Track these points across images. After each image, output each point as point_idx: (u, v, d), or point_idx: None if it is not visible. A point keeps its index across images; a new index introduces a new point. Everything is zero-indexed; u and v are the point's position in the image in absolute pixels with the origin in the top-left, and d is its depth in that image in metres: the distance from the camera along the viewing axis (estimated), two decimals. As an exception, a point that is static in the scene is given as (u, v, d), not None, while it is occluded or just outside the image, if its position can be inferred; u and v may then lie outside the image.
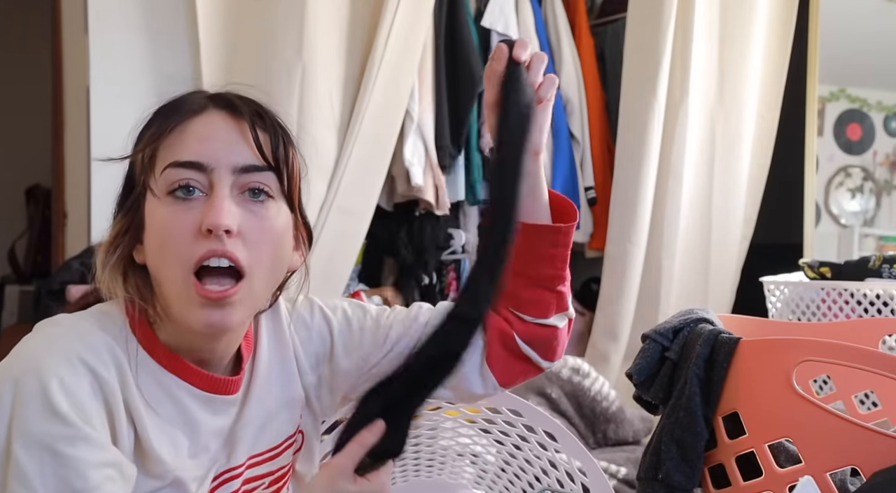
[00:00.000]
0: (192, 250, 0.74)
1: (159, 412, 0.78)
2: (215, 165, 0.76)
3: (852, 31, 2.77)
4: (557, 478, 1.12)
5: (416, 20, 2.34)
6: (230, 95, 0.82)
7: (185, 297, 0.75)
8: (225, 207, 0.75)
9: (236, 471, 0.85)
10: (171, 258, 0.75)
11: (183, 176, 0.76)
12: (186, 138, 0.77)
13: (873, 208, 2.87)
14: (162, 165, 0.77)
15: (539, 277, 0.93)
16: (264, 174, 0.78)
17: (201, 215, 0.75)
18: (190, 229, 0.75)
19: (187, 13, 2.23)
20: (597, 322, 2.70)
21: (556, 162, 2.78)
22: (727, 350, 0.92)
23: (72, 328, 0.76)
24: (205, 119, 0.79)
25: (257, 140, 0.78)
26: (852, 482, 0.89)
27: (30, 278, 3.87)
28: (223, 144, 0.77)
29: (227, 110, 0.79)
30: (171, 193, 0.76)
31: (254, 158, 0.78)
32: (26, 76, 4.10)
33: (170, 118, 0.79)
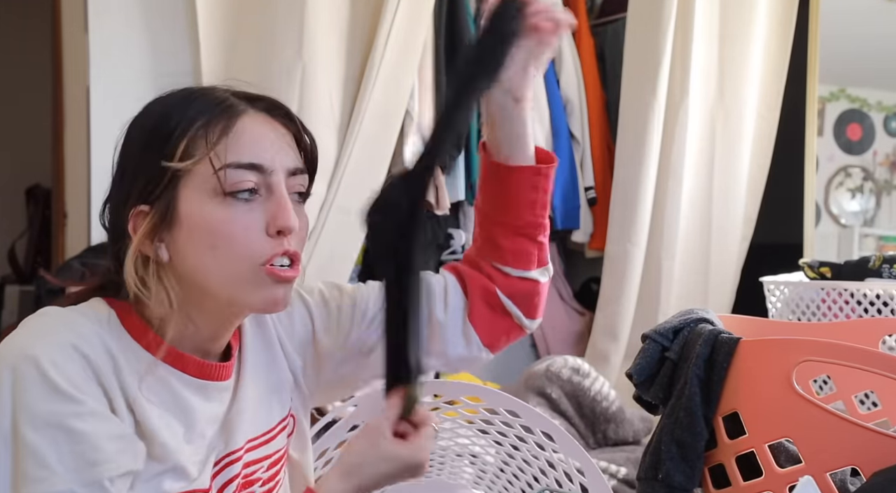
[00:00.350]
0: (261, 249, 0.78)
1: (153, 399, 0.79)
2: (273, 168, 0.79)
3: (852, 31, 2.77)
4: (556, 478, 1.12)
5: (416, 20, 2.34)
6: (267, 97, 0.84)
7: (252, 284, 0.78)
8: (290, 208, 0.79)
9: (236, 454, 0.87)
10: (232, 256, 0.78)
11: (244, 178, 0.78)
12: (240, 139, 0.79)
13: (873, 208, 2.87)
14: (217, 164, 0.77)
15: (520, 224, 0.95)
16: (304, 177, 0.84)
17: (267, 216, 0.78)
18: (256, 229, 0.78)
19: (187, 13, 2.23)
20: (597, 322, 2.70)
21: (556, 162, 2.78)
22: (727, 350, 0.92)
23: (60, 318, 0.77)
24: (250, 121, 0.80)
25: (303, 143, 0.83)
26: (852, 482, 0.89)
27: (30, 278, 3.87)
28: (277, 147, 0.81)
29: (268, 113, 0.82)
30: (231, 194, 0.77)
31: (299, 161, 0.83)
32: (26, 76, 4.10)
33: (217, 117, 0.79)
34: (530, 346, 2.94)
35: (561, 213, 2.77)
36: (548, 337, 2.90)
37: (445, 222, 2.73)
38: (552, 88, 2.79)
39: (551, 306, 2.96)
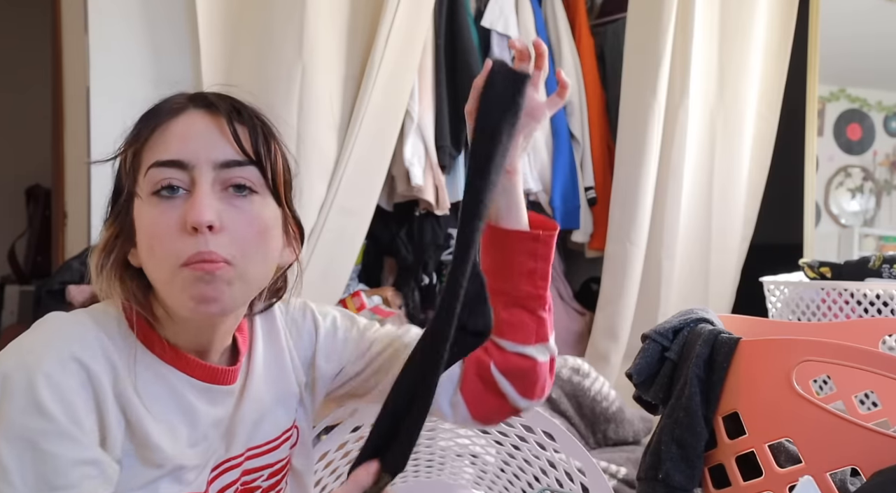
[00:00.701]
0: (179, 248, 0.75)
1: (158, 402, 0.79)
2: (196, 163, 0.77)
3: (852, 31, 2.77)
4: (556, 478, 1.12)
5: (416, 20, 2.34)
6: (208, 93, 0.82)
7: (178, 285, 0.75)
8: (205, 203, 0.75)
9: (235, 461, 0.87)
10: (159, 256, 0.76)
11: (165, 175, 0.76)
12: (167, 139, 0.78)
13: (873, 208, 2.87)
14: (145, 166, 0.78)
15: (518, 295, 0.91)
16: (246, 169, 0.79)
17: (184, 212, 0.75)
18: (175, 227, 0.75)
19: (187, 13, 2.23)
20: (597, 322, 2.70)
21: (556, 162, 2.78)
22: (727, 350, 0.92)
23: (63, 325, 0.77)
24: (184, 119, 0.79)
25: (235, 134, 0.78)
26: (852, 482, 0.89)
27: (30, 278, 3.87)
28: (203, 142, 0.78)
29: (206, 109, 0.80)
30: (155, 193, 0.77)
31: (234, 153, 0.78)
32: (26, 76, 4.10)
33: (150, 121, 0.80)
34: (530, 346, 2.94)
35: (561, 213, 2.77)
36: (548, 337, 2.90)
37: (445, 222, 2.73)
38: (552, 89, 2.79)
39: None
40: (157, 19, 2.26)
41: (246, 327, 0.92)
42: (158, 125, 0.79)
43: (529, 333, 0.91)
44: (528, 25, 2.77)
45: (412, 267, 2.70)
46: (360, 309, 2.45)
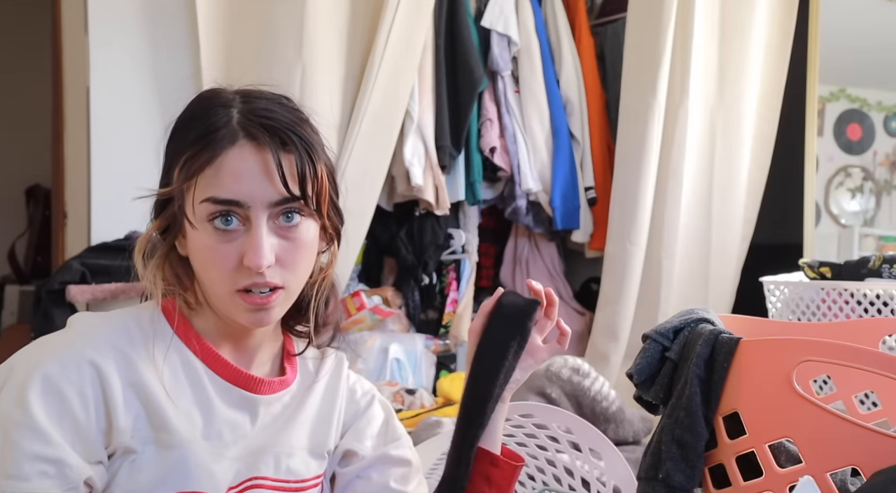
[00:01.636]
0: (235, 279, 0.82)
1: (181, 391, 0.84)
2: (251, 204, 0.81)
3: (852, 30, 2.77)
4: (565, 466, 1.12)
5: (416, 20, 2.34)
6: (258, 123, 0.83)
7: (231, 305, 0.83)
8: (264, 246, 0.81)
9: (264, 481, 0.89)
10: (215, 279, 0.83)
11: (221, 209, 0.81)
12: (221, 175, 0.81)
13: (873, 208, 2.87)
14: (199, 196, 0.82)
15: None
16: (295, 202, 0.83)
17: (242, 249, 0.81)
18: (232, 260, 0.82)
19: (187, 13, 2.23)
20: (597, 322, 2.70)
21: (556, 162, 2.78)
22: (727, 350, 0.92)
23: (83, 326, 0.83)
24: (236, 153, 0.82)
25: (285, 175, 0.81)
26: (852, 482, 0.89)
27: (30, 278, 3.87)
28: (256, 181, 0.81)
29: (256, 142, 0.82)
30: (210, 221, 0.82)
31: (284, 191, 0.82)
32: (26, 76, 4.10)
33: (204, 150, 0.82)
34: (530, 346, 2.94)
35: (561, 213, 2.77)
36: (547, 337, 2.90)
37: (445, 222, 2.73)
38: (552, 88, 2.79)
39: (551, 306, 2.95)
40: (157, 19, 2.26)
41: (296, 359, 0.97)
42: (212, 159, 0.82)
43: None
44: (528, 25, 2.77)
45: (412, 267, 2.70)
46: (360, 309, 2.45)
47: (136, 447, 0.80)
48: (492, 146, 2.68)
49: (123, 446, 0.80)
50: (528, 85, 2.76)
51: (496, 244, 3.11)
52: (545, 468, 1.17)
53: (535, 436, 1.14)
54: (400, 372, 2.42)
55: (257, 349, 0.92)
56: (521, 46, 2.74)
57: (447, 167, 2.62)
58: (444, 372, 2.62)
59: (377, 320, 2.53)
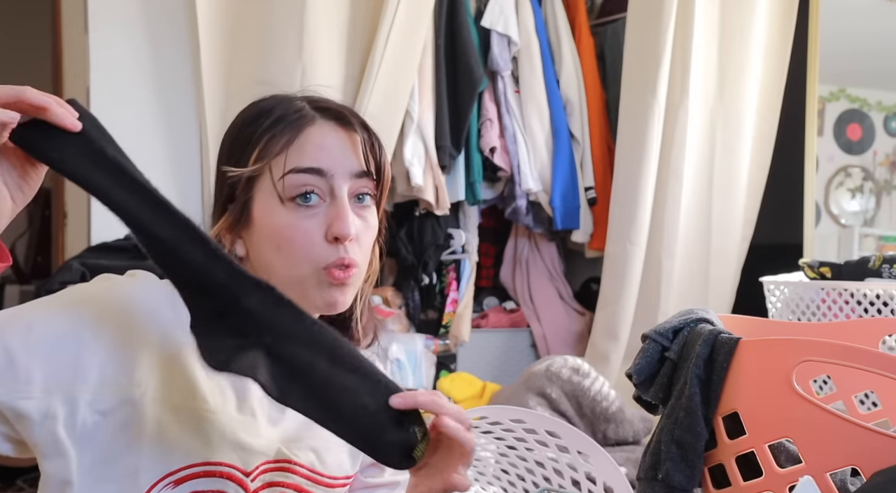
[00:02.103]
0: (320, 254, 0.81)
1: None
2: (335, 171, 0.82)
3: (852, 31, 2.77)
4: (556, 468, 1.12)
5: (416, 20, 2.34)
6: (336, 105, 0.87)
7: (314, 284, 0.82)
8: (350, 217, 0.82)
9: (294, 467, 0.87)
10: (295, 259, 0.82)
11: (305, 181, 0.82)
12: (305, 146, 0.83)
13: (873, 208, 2.87)
14: (281, 171, 0.82)
15: None
16: (370, 181, 0.85)
17: (327, 222, 0.82)
18: (315, 234, 0.82)
19: (187, 13, 2.23)
20: (597, 322, 2.70)
21: (556, 162, 2.78)
22: (727, 350, 0.92)
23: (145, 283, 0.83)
24: (318, 129, 0.84)
25: (366, 150, 0.84)
26: (852, 482, 0.89)
27: (30, 278, 3.87)
28: (338, 153, 0.84)
29: (337, 121, 0.85)
30: (293, 198, 0.82)
31: (363, 165, 0.84)
32: (26, 76, 4.09)
33: (287, 128, 0.83)
34: (530, 346, 2.95)
35: (561, 213, 2.77)
36: (548, 337, 2.90)
37: (445, 222, 2.73)
38: (552, 88, 2.79)
39: (551, 306, 2.96)
40: (158, 20, 2.26)
41: None
42: (295, 135, 0.83)
43: None
44: (528, 25, 2.77)
45: (412, 267, 2.70)
46: (360, 309, 2.44)
47: (148, 408, 0.75)
48: (492, 146, 2.68)
49: (134, 402, 0.75)
50: (528, 85, 2.76)
51: (496, 244, 3.11)
52: (535, 469, 1.17)
53: (525, 440, 1.14)
54: (400, 372, 2.42)
55: None
56: (521, 46, 2.74)
57: (447, 167, 2.62)
58: (444, 372, 2.62)
59: (377, 319, 2.53)
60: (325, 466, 0.89)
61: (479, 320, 2.92)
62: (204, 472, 0.79)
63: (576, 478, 1.11)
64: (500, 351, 2.89)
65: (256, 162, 0.83)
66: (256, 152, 0.83)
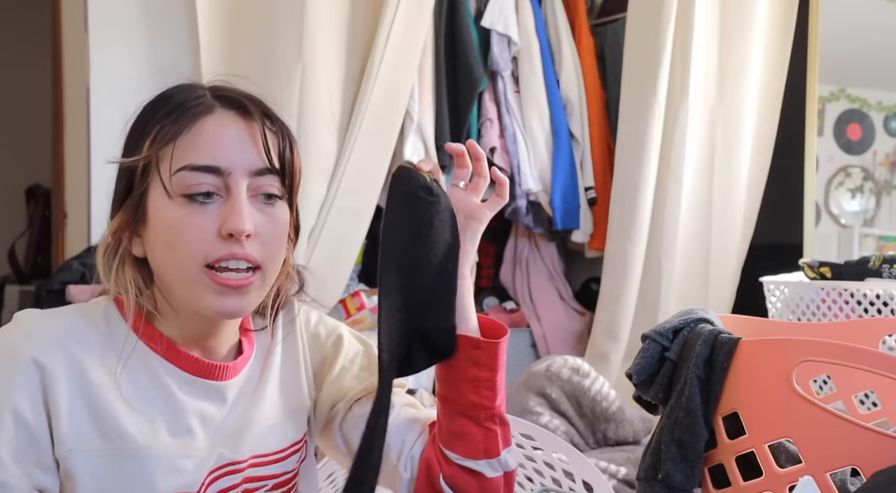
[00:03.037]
0: (209, 250, 0.76)
1: (139, 392, 0.79)
2: (232, 170, 0.78)
3: (852, 30, 2.77)
4: (535, 469, 1.12)
5: (416, 20, 2.34)
6: (237, 93, 0.82)
7: (199, 287, 0.77)
8: (245, 212, 0.77)
9: (238, 466, 0.86)
10: (183, 256, 0.77)
11: (200, 180, 0.77)
12: (200, 141, 0.78)
13: (873, 208, 2.87)
14: (175, 166, 0.77)
15: (462, 403, 0.85)
16: (274, 177, 0.80)
17: (220, 218, 0.77)
18: (208, 231, 0.77)
19: (187, 13, 2.23)
20: (597, 322, 2.70)
21: (556, 162, 2.78)
22: (727, 350, 0.92)
23: (30, 323, 0.79)
24: (215, 120, 0.79)
25: (266, 143, 0.79)
26: (852, 482, 0.89)
27: (30, 278, 3.87)
28: (237, 148, 0.78)
29: (237, 111, 0.80)
30: (187, 196, 0.77)
31: (265, 161, 0.79)
32: (26, 76, 4.10)
33: (179, 118, 0.78)
34: (530, 346, 2.95)
35: (561, 213, 2.77)
36: (548, 337, 2.90)
37: (445, 222, 2.72)
38: (552, 88, 2.79)
39: (551, 306, 2.96)
40: (158, 19, 2.26)
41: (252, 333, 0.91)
42: (188, 124, 0.78)
43: (476, 446, 0.85)
44: (528, 25, 2.77)
45: (412, 267, 2.70)
46: (361, 309, 2.45)
47: (77, 462, 0.75)
48: (492, 146, 2.67)
49: (62, 457, 0.75)
50: (528, 85, 2.76)
51: (496, 244, 3.11)
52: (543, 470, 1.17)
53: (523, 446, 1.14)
54: (400, 372, 2.42)
55: (226, 342, 0.87)
56: (521, 46, 2.74)
57: (447, 167, 2.61)
58: (444, 372, 2.62)
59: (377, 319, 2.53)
60: (268, 445, 0.88)
61: (479, 320, 2.91)
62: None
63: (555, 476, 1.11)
64: (500, 351, 2.88)
65: (150, 149, 0.78)
66: (148, 142, 0.78)
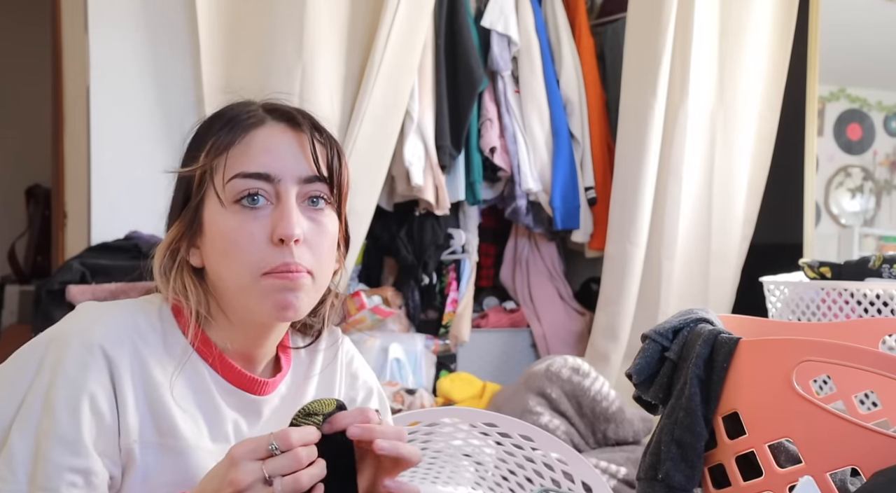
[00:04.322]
0: (263, 258, 0.79)
1: (185, 394, 0.82)
2: (282, 177, 0.81)
3: (852, 30, 2.77)
4: (535, 470, 1.12)
5: (416, 20, 2.34)
6: (288, 107, 0.86)
7: (255, 293, 0.80)
8: (294, 217, 0.80)
9: None
10: (238, 262, 0.80)
11: (251, 186, 0.80)
12: (252, 150, 0.81)
13: (873, 208, 2.87)
14: (228, 175, 0.81)
15: None
16: (322, 184, 0.83)
17: (271, 224, 0.80)
18: (260, 237, 0.80)
19: (187, 13, 2.23)
20: (597, 322, 2.70)
21: (556, 162, 2.78)
22: (727, 350, 0.92)
23: (96, 313, 0.81)
24: (266, 131, 0.83)
25: (315, 153, 0.82)
26: (852, 482, 0.89)
27: (30, 278, 3.87)
28: (287, 156, 0.82)
29: (287, 123, 0.84)
30: (238, 201, 0.80)
31: (314, 169, 0.82)
32: (26, 76, 4.10)
33: (233, 130, 0.82)
34: (530, 346, 2.95)
35: (561, 213, 2.77)
36: (548, 337, 2.90)
37: (445, 222, 2.73)
38: (552, 88, 2.79)
39: (551, 306, 2.96)
40: (158, 19, 2.26)
41: (290, 351, 0.94)
42: (243, 135, 0.82)
43: None
44: (528, 25, 2.77)
45: (412, 267, 2.70)
46: (360, 309, 2.45)
47: (137, 453, 0.79)
48: (492, 146, 2.68)
49: (126, 448, 0.79)
50: (528, 85, 2.76)
51: (496, 244, 3.11)
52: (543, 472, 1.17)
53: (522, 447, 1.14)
54: (400, 372, 2.42)
55: (268, 352, 0.90)
56: (521, 46, 2.74)
57: (447, 167, 2.62)
58: (444, 372, 2.62)
59: (377, 320, 2.53)
60: None
61: (479, 320, 2.92)
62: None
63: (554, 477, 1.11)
64: (500, 351, 2.89)
65: (205, 159, 0.82)
66: (203, 154, 0.82)
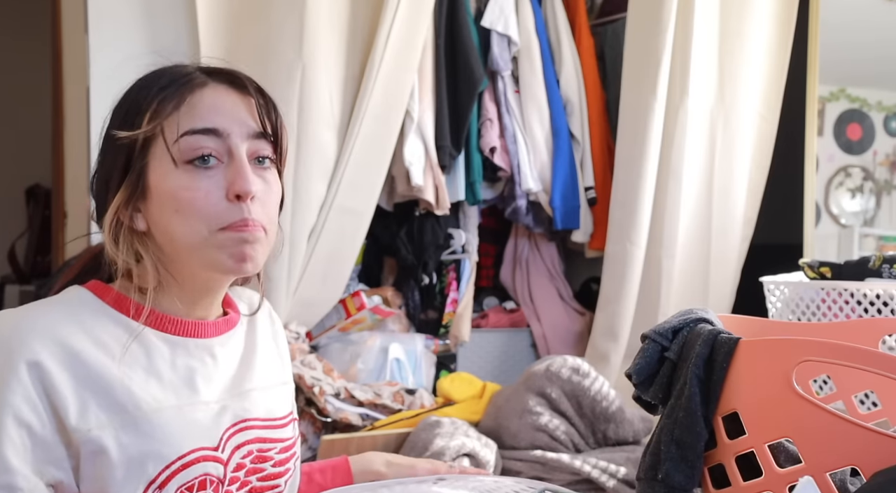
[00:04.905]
0: (218, 214, 0.80)
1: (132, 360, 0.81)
2: (230, 132, 0.82)
3: (853, 30, 2.77)
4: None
5: (416, 20, 2.34)
6: (228, 69, 0.89)
7: (212, 248, 0.81)
8: (250, 174, 0.81)
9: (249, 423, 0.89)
10: (194, 219, 0.80)
11: (201, 144, 0.81)
12: (198, 109, 0.83)
13: (873, 208, 2.87)
14: (175, 134, 0.81)
15: None
16: (267, 144, 0.85)
17: (226, 182, 0.81)
18: (215, 194, 0.81)
19: (187, 13, 2.23)
20: (597, 322, 2.70)
21: (556, 162, 2.78)
22: (727, 350, 0.92)
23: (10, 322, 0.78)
24: (211, 91, 0.85)
25: (261, 112, 0.85)
26: (852, 482, 0.89)
27: (30, 278, 3.87)
28: (234, 114, 0.84)
29: (229, 84, 0.87)
30: (189, 162, 0.81)
31: (261, 127, 0.84)
32: (26, 76, 4.11)
33: (178, 91, 0.83)
34: (530, 346, 2.95)
35: (561, 213, 2.77)
36: (548, 337, 2.90)
37: (445, 222, 2.73)
38: (552, 88, 2.79)
39: (551, 305, 2.96)
40: (158, 20, 2.26)
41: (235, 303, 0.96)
42: (186, 96, 0.83)
43: None
44: (528, 25, 2.77)
45: (412, 267, 2.70)
46: (360, 309, 2.45)
47: (101, 438, 0.77)
48: (492, 146, 2.67)
49: (89, 440, 0.77)
50: (528, 85, 2.76)
51: (496, 244, 3.11)
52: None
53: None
54: (400, 372, 2.42)
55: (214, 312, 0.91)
56: (521, 46, 2.74)
57: (447, 167, 2.61)
58: (444, 372, 2.62)
59: (377, 320, 2.53)
60: (269, 409, 0.92)
61: (479, 320, 2.92)
62: (181, 466, 0.80)
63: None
64: (500, 351, 2.89)
65: (149, 123, 0.82)
66: (148, 115, 0.82)
